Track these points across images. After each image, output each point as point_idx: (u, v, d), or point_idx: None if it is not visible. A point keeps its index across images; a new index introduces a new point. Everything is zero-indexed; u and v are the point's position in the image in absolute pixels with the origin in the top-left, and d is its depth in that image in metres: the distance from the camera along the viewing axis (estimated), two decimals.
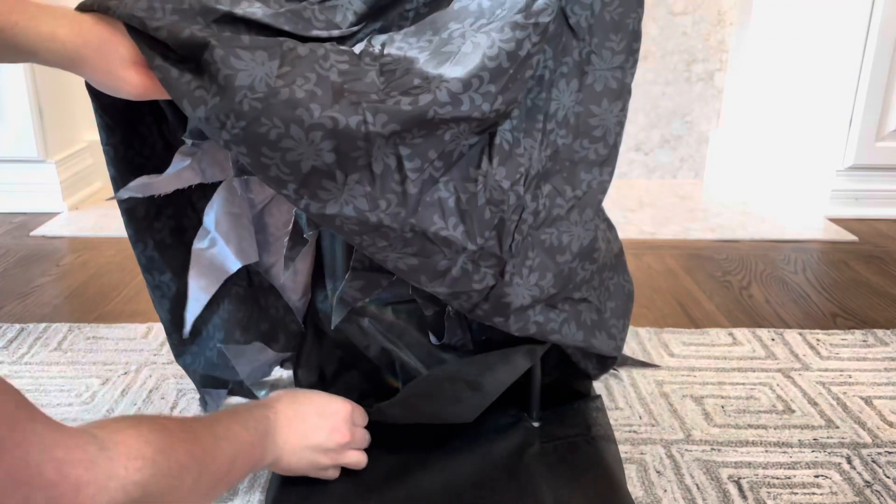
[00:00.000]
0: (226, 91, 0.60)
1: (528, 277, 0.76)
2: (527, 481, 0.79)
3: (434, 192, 0.69)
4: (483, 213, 0.71)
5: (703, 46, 1.92)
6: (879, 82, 1.64)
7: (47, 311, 1.21)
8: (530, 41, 0.67)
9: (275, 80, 0.61)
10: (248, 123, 0.61)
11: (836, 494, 0.79)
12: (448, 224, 0.70)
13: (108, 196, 0.79)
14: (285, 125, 0.61)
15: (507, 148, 0.72)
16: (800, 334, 1.15)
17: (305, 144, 0.62)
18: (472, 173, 0.70)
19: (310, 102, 0.62)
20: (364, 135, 0.63)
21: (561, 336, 0.80)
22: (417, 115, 0.65)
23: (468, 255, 0.72)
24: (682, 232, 1.63)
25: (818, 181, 1.79)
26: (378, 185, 0.66)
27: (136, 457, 0.49)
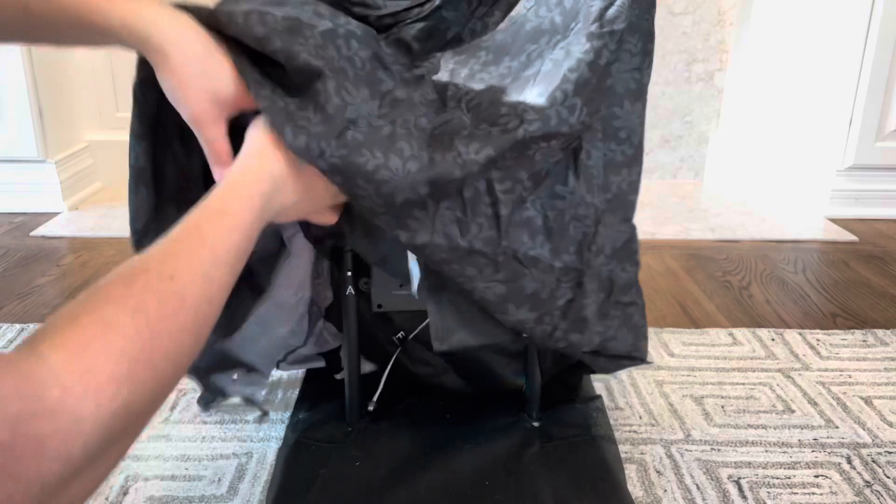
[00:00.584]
0: (333, 120, 0.61)
1: (597, 288, 0.77)
2: (527, 481, 0.79)
3: (522, 212, 0.70)
4: (568, 229, 0.72)
5: (703, 46, 1.92)
6: (879, 82, 1.64)
7: (47, 311, 1.21)
8: (608, 49, 0.68)
9: (376, 120, 0.63)
10: (348, 153, 0.61)
11: (836, 494, 0.79)
12: (535, 243, 0.71)
13: (110, 196, 0.78)
14: (385, 157, 0.62)
15: (584, 160, 0.73)
16: (800, 334, 1.15)
17: (401, 177, 0.63)
18: (560, 190, 0.71)
19: (409, 139, 0.64)
20: (461, 164, 0.64)
21: (617, 342, 0.80)
22: (510, 138, 0.65)
23: (553, 274, 0.73)
24: (682, 232, 1.63)
25: (818, 181, 1.79)
26: (469, 210, 0.67)
27: (108, 381, 0.39)
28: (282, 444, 0.86)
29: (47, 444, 0.35)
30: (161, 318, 0.44)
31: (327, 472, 0.80)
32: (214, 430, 0.89)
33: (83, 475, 0.38)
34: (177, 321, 0.45)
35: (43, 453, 0.35)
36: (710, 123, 1.99)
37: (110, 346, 0.40)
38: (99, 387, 0.38)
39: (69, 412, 0.37)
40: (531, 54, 0.72)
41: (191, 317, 0.47)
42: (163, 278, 0.47)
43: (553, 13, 0.72)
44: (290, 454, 0.84)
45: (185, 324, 0.46)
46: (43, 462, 0.35)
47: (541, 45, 0.71)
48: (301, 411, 0.92)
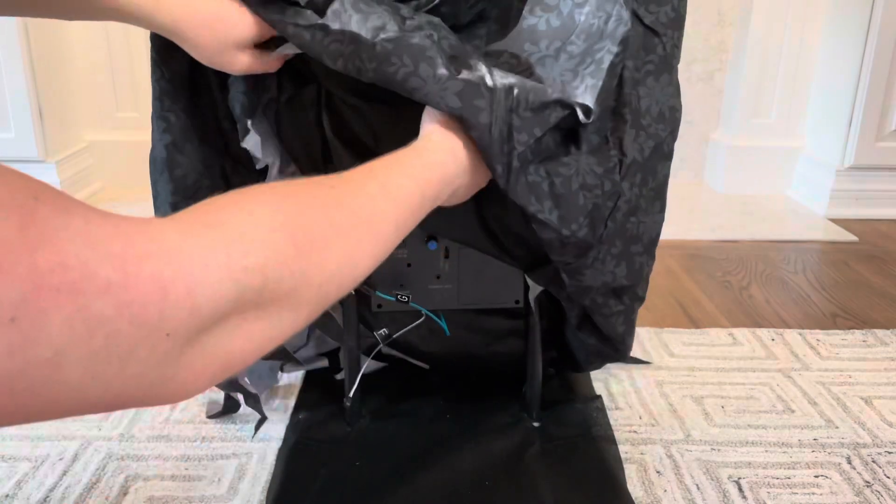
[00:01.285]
0: (359, 38, 0.63)
1: (608, 263, 0.76)
2: (527, 481, 0.79)
3: (528, 175, 0.70)
4: (577, 197, 0.72)
5: (703, 46, 1.92)
6: (879, 82, 1.64)
7: None
8: (609, 52, 0.70)
9: (400, 31, 0.64)
10: (378, 64, 0.63)
11: (836, 494, 0.79)
12: (544, 207, 0.71)
13: (110, 196, 0.80)
14: (414, 64, 0.63)
15: (596, 143, 0.73)
16: (800, 334, 1.15)
17: (432, 82, 0.63)
18: (564, 158, 0.72)
19: (435, 52, 0.64)
20: (489, 87, 0.64)
21: (606, 323, 0.81)
22: (529, 79, 0.67)
23: (560, 239, 0.73)
24: (682, 232, 1.63)
25: (818, 181, 1.79)
26: (489, 154, 0.66)
27: (240, 238, 0.36)
28: (282, 444, 0.86)
29: (169, 287, 0.31)
30: (312, 207, 0.42)
31: (327, 472, 0.80)
32: (214, 430, 0.89)
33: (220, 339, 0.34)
34: (328, 217, 0.43)
35: (165, 297, 0.31)
36: (710, 123, 1.99)
37: (249, 211, 0.38)
38: (229, 240, 0.35)
39: (193, 257, 0.33)
40: (531, 56, 0.72)
41: (345, 221, 0.44)
42: (322, 185, 0.45)
43: (549, 15, 0.72)
44: (290, 454, 0.84)
45: (338, 225, 0.43)
46: (166, 307, 0.31)
47: (541, 49, 0.72)
48: (301, 411, 0.92)
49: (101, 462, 0.83)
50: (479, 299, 0.86)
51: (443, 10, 0.73)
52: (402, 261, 0.83)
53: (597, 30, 0.71)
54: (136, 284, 0.30)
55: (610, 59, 0.70)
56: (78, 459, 0.83)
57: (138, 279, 0.30)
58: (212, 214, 0.36)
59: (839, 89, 1.73)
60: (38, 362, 0.27)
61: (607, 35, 0.70)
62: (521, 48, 0.72)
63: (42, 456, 0.84)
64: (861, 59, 1.65)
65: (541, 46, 0.72)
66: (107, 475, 0.81)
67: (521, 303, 0.87)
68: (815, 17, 1.78)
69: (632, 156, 0.74)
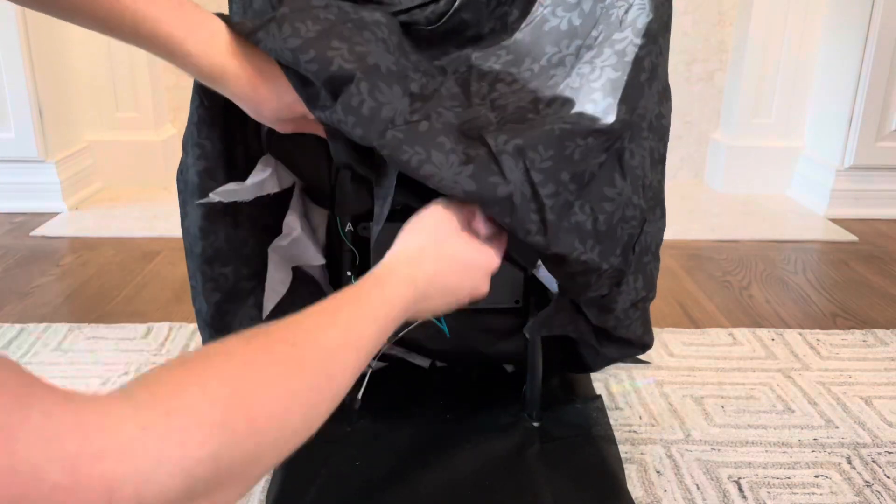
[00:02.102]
0: (371, 122, 0.64)
1: (631, 283, 0.77)
2: (527, 481, 0.79)
3: (571, 217, 0.69)
4: (616, 231, 0.72)
5: (703, 46, 1.92)
6: (879, 82, 1.64)
7: (47, 311, 1.21)
8: (633, 44, 0.69)
9: (409, 115, 0.66)
10: (390, 152, 0.64)
11: (836, 494, 0.79)
12: (587, 247, 0.71)
13: (110, 196, 0.80)
14: (427, 152, 0.65)
15: (628, 159, 0.73)
16: (800, 334, 1.15)
17: (446, 168, 0.65)
18: (608, 192, 0.71)
19: (447, 133, 0.66)
20: (494, 157, 0.65)
21: (629, 332, 0.82)
22: (539, 132, 0.67)
23: (599, 275, 0.73)
24: (682, 232, 1.63)
25: (818, 181, 1.79)
26: (515, 215, 0.67)
27: (197, 425, 0.35)
28: None
29: (117, 489, 0.31)
30: (271, 376, 0.41)
31: (327, 472, 0.80)
32: None
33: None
34: (288, 385, 0.42)
35: (111, 499, 0.31)
36: (710, 123, 1.99)
37: (207, 390, 0.37)
38: (185, 428, 0.34)
39: (147, 453, 0.32)
40: (551, 57, 0.72)
41: (305, 385, 0.43)
42: (283, 342, 0.44)
43: (571, 14, 0.73)
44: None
45: (298, 391, 0.43)
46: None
47: (561, 49, 0.72)
48: None
49: None
50: None
51: (464, 17, 0.74)
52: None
53: (615, 19, 0.70)
54: (83, 488, 0.30)
55: (634, 51, 0.69)
56: None
57: (88, 482, 0.30)
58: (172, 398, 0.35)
59: (839, 89, 1.73)
60: None
61: (627, 24, 0.69)
62: (542, 51, 0.73)
63: None
64: (861, 59, 1.65)
65: (561, 46, 0.72)
66: None
67: (521, 303, 0.87)
68: (815, 17, 1.78)
69: (649, 176, 0.75)
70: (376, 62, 0.65)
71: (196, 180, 0.77)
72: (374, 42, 0.66)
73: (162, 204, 1.76)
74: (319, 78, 0.64)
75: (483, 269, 0.66)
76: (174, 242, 1.52)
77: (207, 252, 0.80)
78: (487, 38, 0.76)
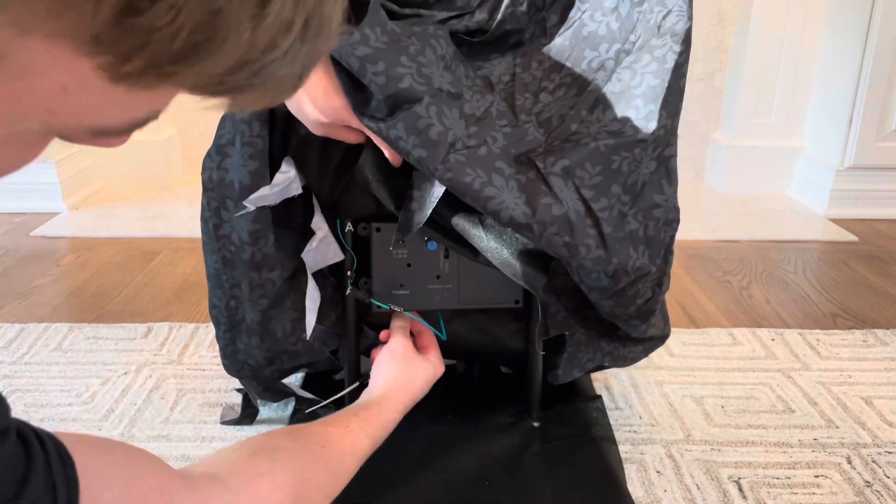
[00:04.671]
0: (437, 146, 0.66)
1: (667, 283, 0.79)
2: (527, 481, 0.79)
3: (625, 226, 0.72)
4: (660, 234, 0.74)
5: (703, 46, 1.92)
6: (879, 82, 1.64)
7: (47, 311, 1.21)
8: (673, 51, 0.70)
9: (468, 139, 0.68)
10: (453, 174, 0.66)
11: (836, 494, 0.79)
12: (639, 253, 0.73)
13: (110, 196, 0.79)
14: (488, 175, 0.67)
15: (673, 165, 0.74)
16: (800, 334, 1.15)
17: (506, 193, 0.67)
18: (657, 199, 0.73)
19: (504, 158, 0.69)
20: (544, 178, 0.68)
21: (655, 330, 0.84)
22: (584, 151, 0.69)
23: (647, 278, 0.75)
24: (682, 232, 1.62)
25: (818, 181, 1.79)
26: (573, 232, 0.69)
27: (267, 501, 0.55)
28: None
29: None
30: (312, 471, 0.60)
31: None
32: (214, 430, 0.89)
33: None
34: (320, 478, 0.61)
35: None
36: (710, 123, 1.99)
37: (274, 480, 0.56)
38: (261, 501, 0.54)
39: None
40: (591, 62, 0.74)
41: (326, 480, 0.62)
42: (318, 444, 0.63)
43: (609, 18, 0.74)
44: None
45: (324, 483, 0.61)
46: None
47: (601, 54, 0.73)
48: (300, 411, 0.92)
49: None
50: (478, 299, 0.86)
51: (507, 28, 0.75)
52: (402, 261, 0.83)
53: (653, 24, 0.71)
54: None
55: (674, 58, 0.70)
56: None
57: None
58: (252, 484, 0.54)
59: (839, 89, 1.73)
60: None
61: (665, 30, 0.71)
62: (582, 56, 0.74)
63: None
64: (861, 59, 1.65)
65: (601, 51, 0.73)
66: None
67: (521, 303, 0.87)
68: (815, 17, 1.78)
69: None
70: (440, 85, 0.67)
71: (248, 182, 0.74)
72: (435, 61, 0.67)
73: (162, 204, 1.76)
74: (385, 92, 0.64)
75: (438, 376, 0.83)
76: (174, 242, 1.52)
77: (257, 258, 0.78)
78: (528, 44, 0.77)
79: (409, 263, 0.83)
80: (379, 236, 0.81)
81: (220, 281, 0.81)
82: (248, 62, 0.25)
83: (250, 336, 0.82)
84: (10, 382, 0.99)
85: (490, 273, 0.83)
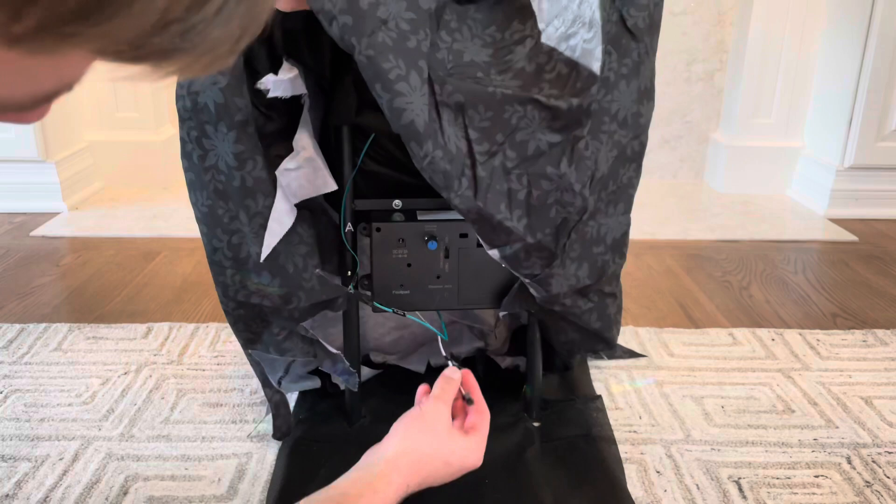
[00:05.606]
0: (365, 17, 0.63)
1: (569, 267, 0.78)
2: (527, 481, 0.79)
3: (505, 183, 0.72)
4: (549, 211, 0.74)
5: (703, 46, 1.92)
6: (879, 82, 1.64)
7: (47, 311, 1.21)
8: (583, 38, 0.72)
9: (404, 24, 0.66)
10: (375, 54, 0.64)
11: (836, 494, 0.79)
12: (513, 216, 0.73)
13: (110, 196, 0.78)
14: (406, 70, 0.65)
15: (581, 149, 0.74)
16: (800, 334, 1.15)
17: (416, 96, 0.65)
18: (549, 171, 0.73)
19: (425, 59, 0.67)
20: (435, 104, 0.67)
21: (580, 321, 0.83)
22: (479, 90, 0.69)
23: (523, 246, 0.75)
24: (682, 232, 1.63)
25: (818, 181, 1.79)
26: (453, 164, 0.69)
27: None
28: (282, 444, 0.86)
29: None
30: None
31: (327, 472, 0.80)
32: (214, 430, 0.89)
33: None
34: None
35: None
36: (710, 123, 1.99)
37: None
38: None
39: None
40: (514, 34, 0.74)
41: None
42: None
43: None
44: (290, 454, 0.84)
45: None
46: None
47: (526, 29, 0.73)
48: (301, 411, 0.92)
49: (101, 462, 0.83)
50: (478, 299, 0.86)
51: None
52: (402, 261, 0.82)
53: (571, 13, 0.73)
54: None
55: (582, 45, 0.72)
56: (78, 459, 0.83)
57: None
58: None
59: (839, 89, 1.73)
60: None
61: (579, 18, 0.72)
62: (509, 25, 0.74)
63: (42, 456, 0.84)
64: (861, 60, 1.65)
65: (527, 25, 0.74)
66: (107, 475, 0.81)
67: None
68: (815, 17, 1.78)
69: (602, 170, 0.76)
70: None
71: (221, 100, 0.69)
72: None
73: (162, 204, 1.76)
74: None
75: (468, 469, 0.71)
76: (174, 242, 1.52)
77: (248, 183, 0.73)
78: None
79: (409, 263, 0.83)
80: (379, 236, 0.81)
81: (216, 218, 0.75)
82: (171, 22, 0.21)
83: (260, 273, 0.77)
84: (10, 382, 0.99)
85: (490, 273, 0.83)
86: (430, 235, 0.81)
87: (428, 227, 0.80)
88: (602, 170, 0.76)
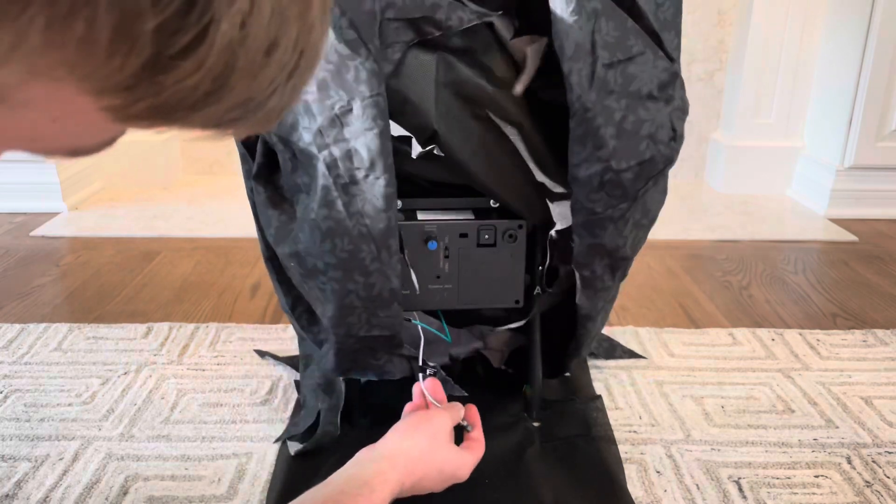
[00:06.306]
0: None
1: (626, 228, 0.79)
2: (527, 481, 0.79)
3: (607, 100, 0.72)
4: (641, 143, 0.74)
5: (703, 46, 1.92)
6: (879, 82, 1.64)
7: (47, 311, 1.21)
8: None
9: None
10: None
11: (836, 494, 0.79)
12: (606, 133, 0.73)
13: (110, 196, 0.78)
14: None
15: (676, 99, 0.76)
16: (800, 334, 1.15)
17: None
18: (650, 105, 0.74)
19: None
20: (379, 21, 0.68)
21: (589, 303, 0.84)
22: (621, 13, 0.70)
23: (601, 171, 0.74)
24: (682, 232, 1.63)
25: (818, 181, 1.79)
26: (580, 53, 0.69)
27: None
28: (282, 444, 0.86)
29: None
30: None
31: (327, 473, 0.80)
32: (214, 430, 0.89)
33: None
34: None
35: None
36: (710, 123, 1.99)
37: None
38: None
39: None
40: None
41: None
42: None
43: None
44: (290, 454, 0.84)
45: None
46: None
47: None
48: (301, 411, 0.92)
49: (101, 462, 0.83)
50: (479, 299, 0.86)
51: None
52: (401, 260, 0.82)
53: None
54: None
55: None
56: (78, 459, 0.83)
57: None
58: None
59: (839, 89, 1.73)
60: None
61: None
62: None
63: (42, 456, 0.84)
64: (861, 59, 1.65)
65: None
66: (107, 475, 0.81)
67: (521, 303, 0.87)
68: (815, 17, 1.78)
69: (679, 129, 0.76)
70: None
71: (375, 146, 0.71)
72: None
73: (162, 204, 1.76)
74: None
75: (456, 480, 0.72)
76: (174, 242, 1.52)
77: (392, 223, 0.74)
78: None
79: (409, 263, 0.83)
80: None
81: (357, 263, 0.74)
82: (248, 102, 0.26)
83: (390, 305, 0.78)
84: (10, 382, 0.99)
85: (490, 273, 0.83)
86: (430, 235, 0.81)
87: (428, 227, 0.80)
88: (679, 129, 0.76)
